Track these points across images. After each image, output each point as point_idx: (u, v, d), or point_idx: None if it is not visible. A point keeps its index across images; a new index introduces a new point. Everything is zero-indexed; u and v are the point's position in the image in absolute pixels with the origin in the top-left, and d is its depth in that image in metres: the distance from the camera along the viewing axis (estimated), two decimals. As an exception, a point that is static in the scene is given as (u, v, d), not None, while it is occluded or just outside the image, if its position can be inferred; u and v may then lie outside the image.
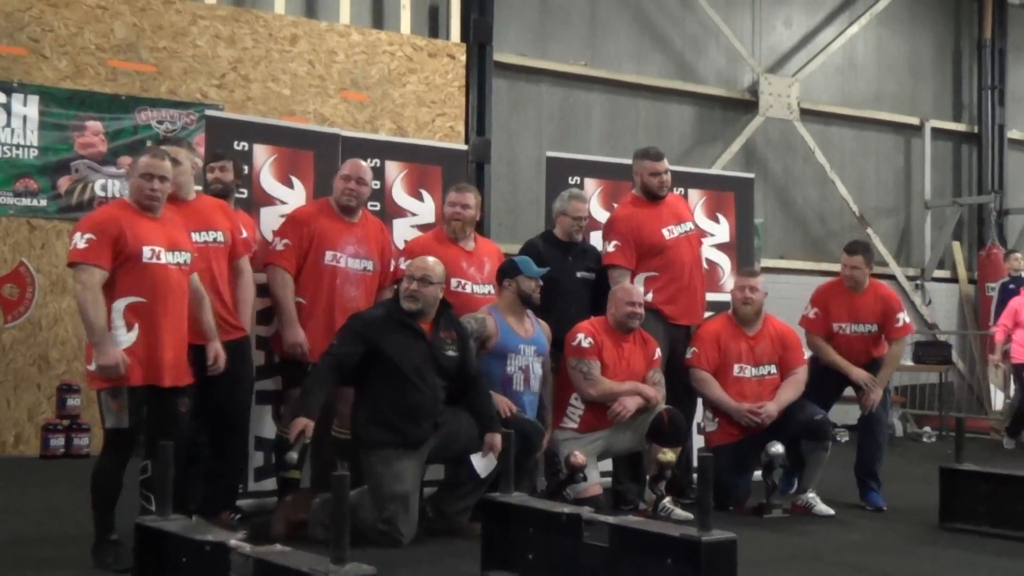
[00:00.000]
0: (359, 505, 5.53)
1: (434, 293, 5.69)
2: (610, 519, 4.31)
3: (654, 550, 4.09)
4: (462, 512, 5.78)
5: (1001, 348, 11.28)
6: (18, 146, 9.19)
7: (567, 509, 4.54)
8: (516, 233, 11.54)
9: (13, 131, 9.16)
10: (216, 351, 5.33)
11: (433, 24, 11.49)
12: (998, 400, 13.15)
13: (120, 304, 4.83)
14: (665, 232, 7.05)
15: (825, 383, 7.14)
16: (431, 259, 5.79)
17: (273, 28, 10.31)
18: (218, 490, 5.91)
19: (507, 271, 6.26)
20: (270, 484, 6.37)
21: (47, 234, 9.29)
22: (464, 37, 11.39)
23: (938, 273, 15.01)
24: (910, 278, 14.70)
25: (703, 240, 7.51)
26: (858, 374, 6.99)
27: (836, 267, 13.67)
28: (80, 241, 4.79)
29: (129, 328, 4.82)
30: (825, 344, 7.11)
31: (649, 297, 6.95)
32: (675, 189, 7.51)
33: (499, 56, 11.68)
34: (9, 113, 9.15)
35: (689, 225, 7.18)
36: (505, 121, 11.85)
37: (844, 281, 7.26)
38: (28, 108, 9.23)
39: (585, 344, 6.34)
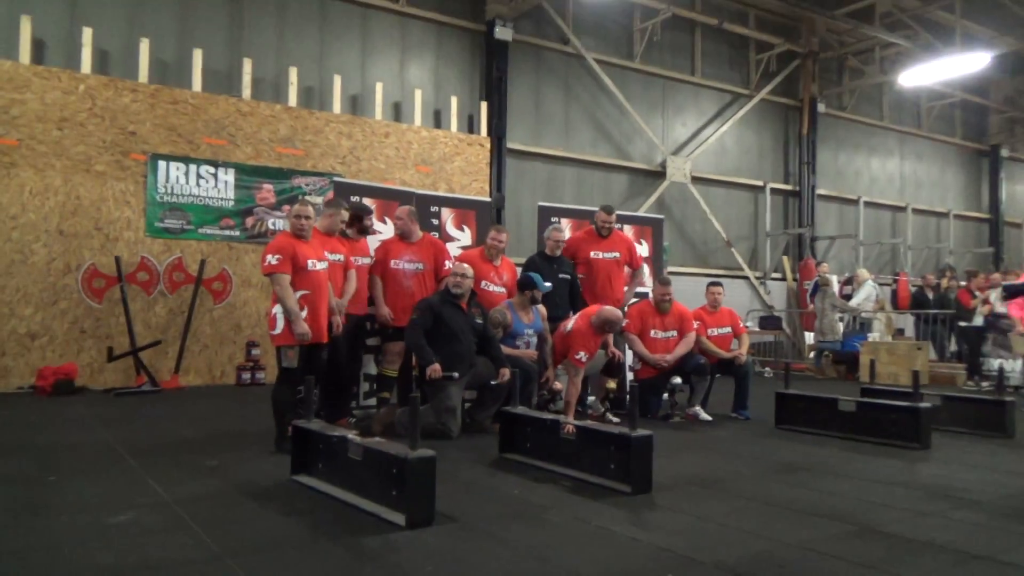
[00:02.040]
0: (424, 414, 5.59)
1: (468, 284, 5.76)
2: (576, 422, 4.34)
3: (602, 442, 4.14)
4: (487, 418, 5.83)
5: None
6: (222, 199, 9.23)
7: (550, 417, 4.59)
8: (519, 251, 11.49)
9: (219, 190, 9.21)
10: (337, 323, 5.38)
11: (471, 125, 11.47)
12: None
13: (296, 295, 4.91)
14: (592, 254, 7.06)
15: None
16: (467, 265, 5.85)
17: (374, 128, 10.32)
18: (341, 405, 5.98)
19: (527, 284, 6.16)
20: (371, 401, 6.43)
21: (239, 252, 9.33)
22: (489, 133, 11.39)
23: (774, 275, 14.95)
24: (758, 278, 14.67)
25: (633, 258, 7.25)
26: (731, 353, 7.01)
27: (714, 271, 13.90)
28: (272, 259, 4.87)
29: (302, 310, 4.89)
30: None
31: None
32: (620, 226, 7.53)
33: (510, 144, 11.67)
34: (216, 179, 9.20)
35: (615, 253, 7.06)
36: (513, 184, 11.83)
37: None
38: (228, 176, 9.26)
39: (583, 359, 5.87)
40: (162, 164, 8.90)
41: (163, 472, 4.24)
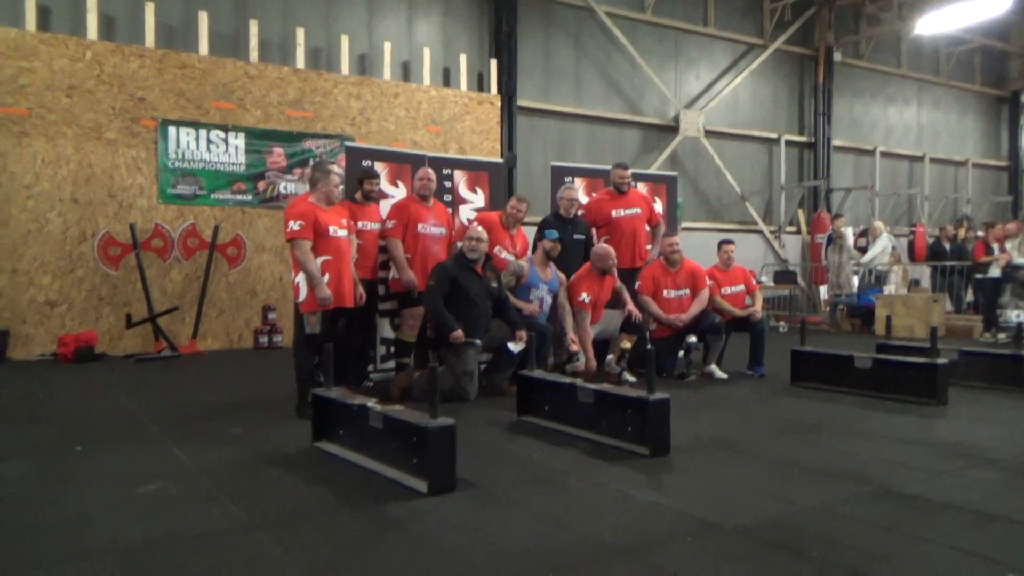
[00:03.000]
0: (442, 378, 5.63)
1: (484, 248, 5.75)
2: (593, 387, 4.34)
3: (620, 405, 4.15)
4: (503, 380, 5.87)
5: None
6: (233, 164, 9.21)
7: (567, 380, 4.59)
8: (532, 210, 11.45)
9: (230, 155, 9.17)
10: (361, 292, 5.38)
11: (480, 83, 11.32)
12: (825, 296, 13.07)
13: (318, 261, 4.91)
14: (614, 212, 7.05)
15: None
16: (481, 229, 5.83)
17: (384, 88, 10.21)
18: (353, 371, 6.02)
19: (539, 233, 6.30)
20: (388, 365, 6.46)
21: (252, 217, 9.33)
22: (499, 91, 11.25)
23: (789, 228, 14.86)
24: (772, 232, 14.57)
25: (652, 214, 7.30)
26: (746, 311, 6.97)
27: (728, 226, 13.81)
28: (294, 225, 4.84)
29: (323, 275, 4.89)
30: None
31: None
32: (635, 184, 7.45)
33: (521, 102, 11.53)
34: (227, 144, 9.16)
35: (635, 210, 7.08)
36: (524, 142, 11.72)
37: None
38: (238, 141, 9.22)
39: (586, 300, 6.22)
40: (172, 130, 8.86)
41: (187, 440, 4.31)
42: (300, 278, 4.92)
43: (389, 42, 10.44)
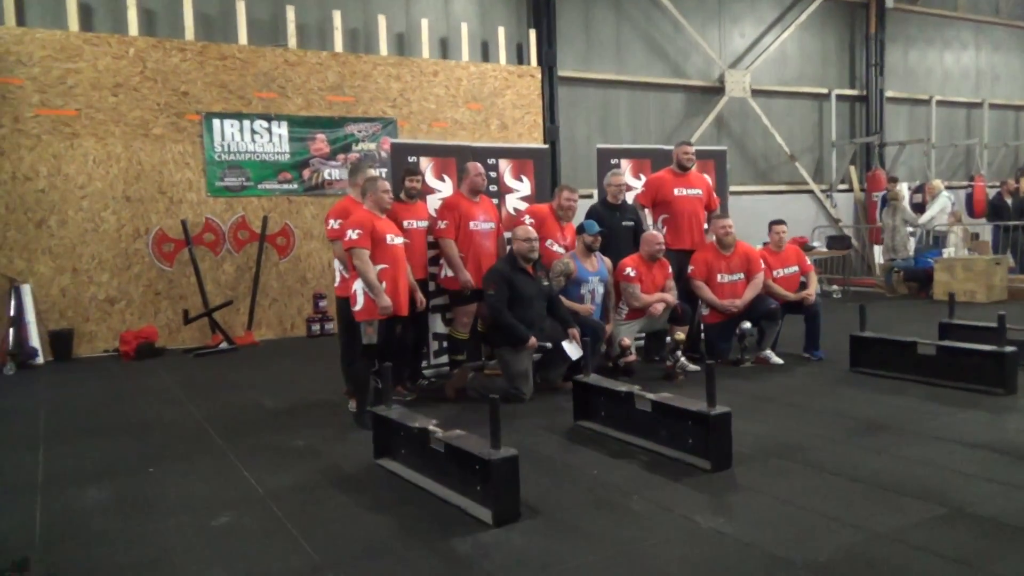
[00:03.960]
0: (498, 379, 5.68)
1: (537, 249, 5.71)
2: (652, 396, 4.29)
3: (680, 416, 4.13)
4: (558, 376, 5.85)
5: None
6: (278, 153, 9.25)
7: (625, 388, 4.52)
8: (576, 183, 11.32)
9: (274, 144, 9.21)
10: (420, 299, 5.45)
11: (520, 56, 11.12)
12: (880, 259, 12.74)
13: (376, 269, 4.93)
14: (676, 191, 6.92)
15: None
16: (532, 229, 5.76)
17: (423, 67, 10.10)
18: (414, 366, 6.10)
19: (579, 230, 6.23)
20: (442, 360, 6.51)
21: (299, 205, 9.40)
22: (539, 62, 11.04)
23: (841, 187, 14.44)
24: (823, 191, 14.19)
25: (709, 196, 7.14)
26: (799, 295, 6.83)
27: (777, 188, 13.49)
28: (353, 234, 4.85)
29: (381, 283, 4.92)
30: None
31: (663, 230, 6.89)
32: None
33: (561, 72, 11.31)
34: (271, 133, 9.20)
35: (697, 191, 6.95)
36: (567, 113, 11.52)
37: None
38: (281, 129, 9.25)
39: (631, 274, 6.28)
40: (216, 122, 8.91)
41: (252, 456, 4.42)
42: (358, 285, 4.93)
43: (426, 19, 10.29)
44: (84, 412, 5.76)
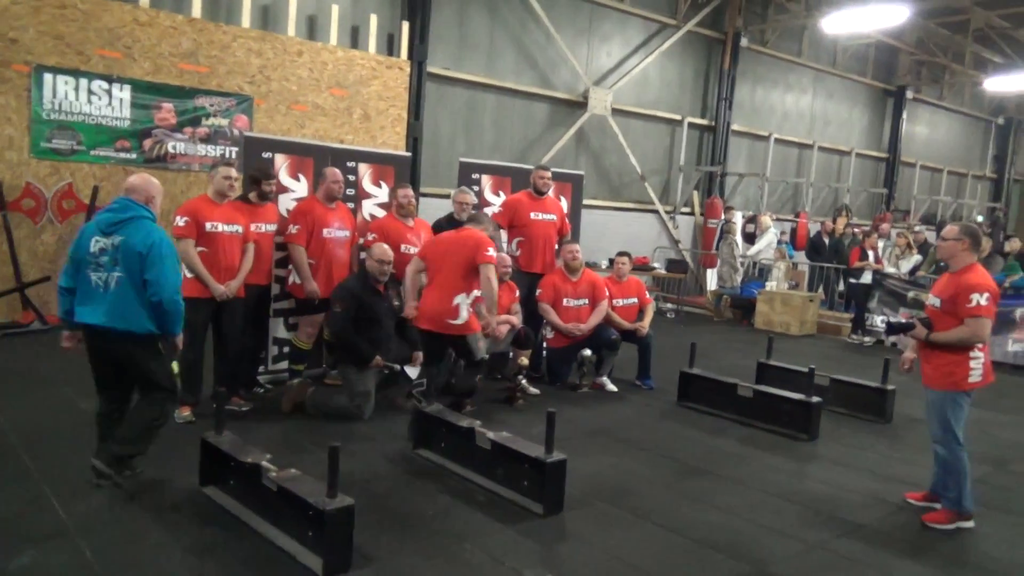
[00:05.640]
0: (339, 395, 5.54)
1: (390, 270, 5.59)
2: (491, 435, 4.31)
3: (518, 459, 4.18)
4: (399, 394, 5.76)
5: None
6: (117, 119, 8.50)
7: (466, 423, 4.53)
8: (436, 180, 11.30)
9: (113, 108, 8.46)
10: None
11: (390, 47, 10.84)
12: (712, 284, 13.58)
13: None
14: (532, 215, 7.00)
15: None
16: (388, 249, 5.61)
17: (286, 45, 9.62)
18: (250, 373, 5.86)
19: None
20: (281, 365, 6.28)
21: (137, 177, 8.71)
22: (409, 56, 10.82)
23: (684, 210, 15.24)
24: (667, 212, 14.91)
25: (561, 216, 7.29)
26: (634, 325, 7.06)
27: (627, 205, 14.03)
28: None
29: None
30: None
31: (516, 253, 6.98)
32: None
33: (431, 69, 11.15)
34: (111, 96, 8.44)
35: (551, 216, 7.06)
36: (432, 110, 11.37)
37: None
38: (123, 93, 8.51)
39: (476, 294, 6.17)
40: (48, 77, 8.06)
41: (61, 477, 4.05)
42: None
43: (295, -6, 9.82)
44: None
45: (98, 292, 3.80)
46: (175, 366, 4.06)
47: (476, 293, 5.35)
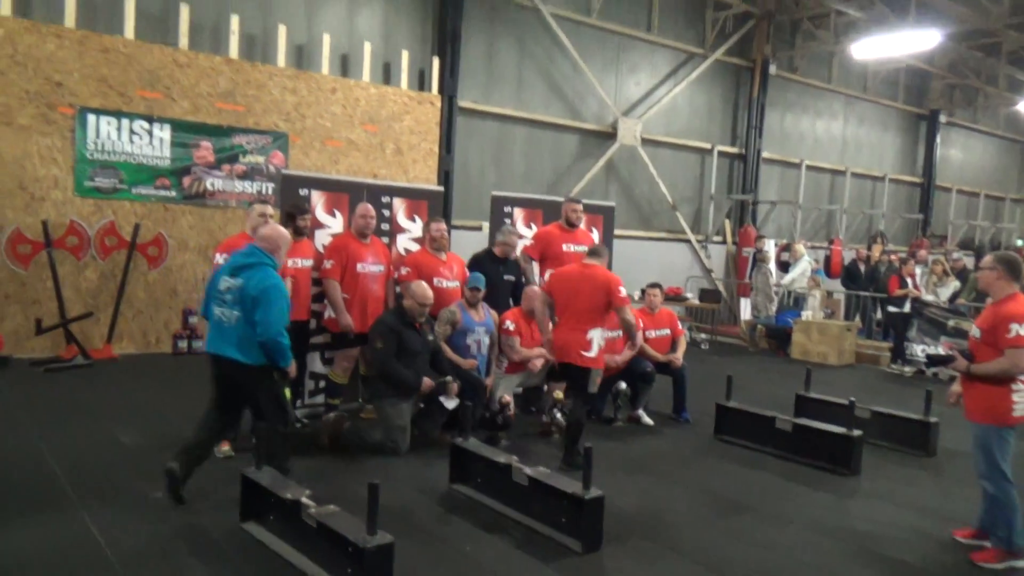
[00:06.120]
0: (374, 430, 5.58)
1: (427, 311, 5.65)
2: (529, 470, 4.32)
3: (555, 495, 4.18)
4: (434, 429, 5.76)
5: None
6: (157, 157, 8.74)
7: (503, 458, 4.53)
8: (465, 213, 11.42)
9: (154, 147, 8.71)
10: None
11: (421, 82, 11.04)
12: (746, 313, 13.48)
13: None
14: (564, 246, 7.02)
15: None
16: (429, 291, 5.65)
17: (320, 83, 9.85)
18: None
19: (467, 281, 6.22)
20: (318, 399, 6.34)
21: (175, 214, 8.92)
22: (440, 91, 11.01)
23: (716, 239, 15.19)
24: (699, 241, 14.87)
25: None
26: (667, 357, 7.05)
27: (658, 235, 14.02)
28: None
29: None
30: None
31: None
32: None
33: (461, 103, 11.33)
34: (151, 136, 8.69)
35: (583, 247, 7.06)
36: (463, 143, 11.50)
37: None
38: (164, 133, 8.76)
39: (511, 327, 6.29)
40: (92, 118, 8.33)
41: (103, 509, 4.13)
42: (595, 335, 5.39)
43: (328, 34, 10.05)
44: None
45: (220, 325, 4.34)
46: (287, 392, 4.66)
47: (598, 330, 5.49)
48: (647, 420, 6.82)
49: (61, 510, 4.14)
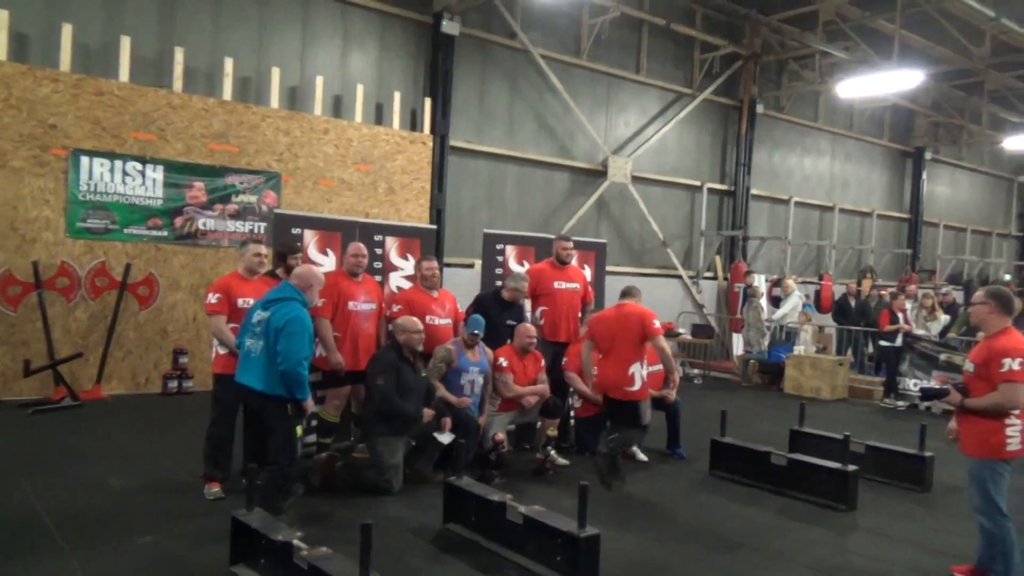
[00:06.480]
0: (367, 468, 5.53)
1: (421, 340, 5.66)
2: (523, 509, 4.29)
3: (550, 534, 4.14)
4: (427, 466, 5.74)
5: None
6: (150, 198, 8.77)
7: (497, 497, 4.50)
8: (457, 250, 11.47)
9: (146, 188, 8.74)
10: None
11: (413, 122, 11.16)
12: (738, 348, 13.49)
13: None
14: (555, 284, 7.06)
15: None
16: (415, 319, 5.70)
17: (313, 124, 9.94)
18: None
19: (466, 323, 6.21)
20: (310, 438, 6.23)
21: (167, 254, 8.92)
22: (432, 130, 11.12)
23: (707, 275, 15.27)
24: (691, 277, 14.94)
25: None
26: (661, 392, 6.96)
27: (649, 271, 14.08)
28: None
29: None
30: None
31: (541, 323, 6.99)
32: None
33: (453, 142, 11.43)
34: (144, 177, 8.73)
35: (575, 284, 7.13)
36: (455, 182, 11.57)
37: None
38: (156, 174, 8.80)
39: (504, 364, 6.26)
40: (85, 160, 8.37)
41: (91, 558, 4.05)
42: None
43: (321, 76, 10.17)
44: None
45: (249, 356, 4.55)
46: (299, 429, 4.67)
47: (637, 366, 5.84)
48: (641, 456, 6.79)
49: (49, 555, 4.07)
